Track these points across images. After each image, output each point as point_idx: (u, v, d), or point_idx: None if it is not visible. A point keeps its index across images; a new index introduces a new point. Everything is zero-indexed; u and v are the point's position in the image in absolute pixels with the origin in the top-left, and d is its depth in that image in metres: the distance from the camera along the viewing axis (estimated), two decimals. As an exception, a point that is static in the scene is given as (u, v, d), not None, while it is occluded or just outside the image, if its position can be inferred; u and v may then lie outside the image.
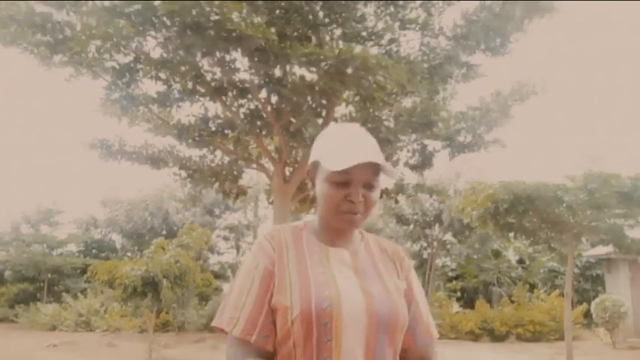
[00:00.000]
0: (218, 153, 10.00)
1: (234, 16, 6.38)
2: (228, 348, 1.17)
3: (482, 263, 19.56)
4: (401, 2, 8.32)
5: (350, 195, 1.19)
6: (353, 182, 1.19)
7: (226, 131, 9.37)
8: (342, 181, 1.18)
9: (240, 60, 8.03)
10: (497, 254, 20.06)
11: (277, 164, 9.32)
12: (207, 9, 6.17)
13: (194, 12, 6.20)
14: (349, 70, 6.74)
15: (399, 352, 1.21)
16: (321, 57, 6.63)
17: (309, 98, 8.08)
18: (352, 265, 1.22)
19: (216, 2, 6.15)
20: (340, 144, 1.21)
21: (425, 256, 20.43)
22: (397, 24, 8.63)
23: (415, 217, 18.98)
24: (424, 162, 10.29)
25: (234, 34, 6.45)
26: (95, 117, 9.51)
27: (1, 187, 40.81)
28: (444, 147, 10.20)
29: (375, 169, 1.19)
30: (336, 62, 6.68)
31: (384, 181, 1.24)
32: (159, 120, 9.51)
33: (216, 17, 6.26)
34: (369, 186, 1.21)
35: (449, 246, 20.29)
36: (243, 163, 10.13)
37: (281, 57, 6.91)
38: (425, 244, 20.47)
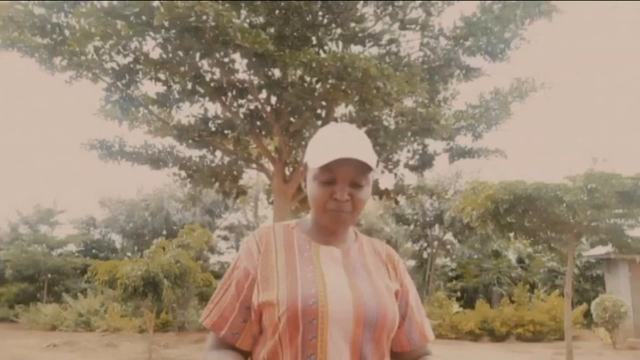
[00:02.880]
0: (218, 153, 10.00)
1: (233, 20, 6.37)
2: (208, 338, 1.25)
3: (483, 263, 19.56)
4: (400, 3, 8.32)
5: (335, 193, 1.19)
6: (338, 180, 1.19)
7: (226, 131, 9.38)
8: (327, 179, 1.19)
9: (239, 61, 8.03)
10: (497, 254, 20.05)
11: (277, 164, 9.32)
12: (204, 17, 6.16)
13: (191, 19, 6.20)
14: (350, 77, 6.73)
15: (387, 353, 1.21)
16: (322, 64, 6.61)
17: (308, 100, 8.09)
18: (342, 263, 1.22)
19: (212, 13, 6.12)
20: (325, 142, 1.22)
21: (425, 256, 20.43)
22: (397, 24, 8.63)
23: (415, 217, 18.99)
24: (424, 163, 10.30)
25: (231, 41, 6.46)
26: (95, 118, 9.49)
27: (1, 187, 40.83)
28: (445, 150, 10.22)
29: (360, 167, 1.18)
30: (337, 70, 6.67)
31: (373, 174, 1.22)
32: (159, 121, 9.51)
33: (213, 24, 6.26)
34: (356, 184, 1.20)
35: (449, 246, 20.30)
36: (243, 163, 10.13)
37: (279, 62, 6.92)
38: (425, 244, 20.47)
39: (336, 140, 1.20)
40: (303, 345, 1.10)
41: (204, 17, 6.15)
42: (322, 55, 7.40)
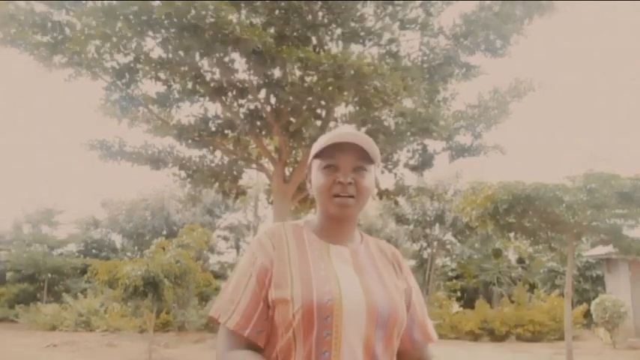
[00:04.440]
0: (218, 153, 10.01)
1: (232, 17, 6.38)
2: (220, 338, 1.19)
3: (483, 263, 19.56)
4: (400, 2, 8.33)
5: (339, 177, 1.22)
6: (341, 167, 1.23)
7: (226, 131, 9.38)
8: (330, 164, 1.23)
9: (238, 61, 8.04)
10: (497, 254, 20.06)
11: (277, 164, 9.33)
12: (203, 12, 6.17)
13: (190, 15, 6.21)
14: (345, 75, 6.75)
15: (396, 351, 1.22)
16: (318, 62, 6.63)
17: (308, 99, 8.09)
18: (352, 263, 1.23)
19: (211, 6, 6.13)
20: (327, 136, 1.27)
21: (425, 256, 20.43)
22: (397, 24, 8.64)
23: (415, 217, 18.99)
24: (424, 163, 10.30)
25: (230, 36, 6.46)
26: (95, 117, 9.52)
27: (1, 187, 40.85)
28: (445, 149, 10.23)
29: (361, 154, 1.23)
30: (332, 68, 6.69)
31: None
32: (158, 120, 9.51)
33: (212, 20, 6.26)
34: (358, 170, 1.24)
35: (449, 246, 20.30)
36: (243, 163, 10.14)
37: (277, 59, 6.93)
38: (425, 244, 20.47)
39: (337, 132, 1.26)
40: (317, 342, 1.10)
41: (204, 12, 6.16)
42: (321, 53, 7.40)
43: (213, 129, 9.27)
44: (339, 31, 8.40)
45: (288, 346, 1.13)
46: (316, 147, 1.27)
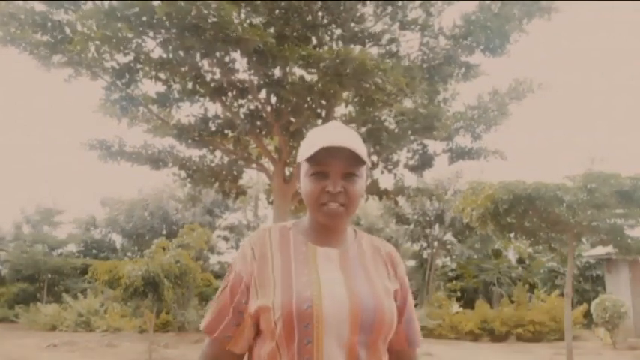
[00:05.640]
0: (218, 153, 10.01)
1: (234, 17, 6.39)
2: (203, 346, 1.28)
3: (483, 263, 19.55)
4: (400, 3, 8.33)
5: (328, 186, 1.17)
6: (330, 173, 1.17)
7: (226, 131, 9.38)
8: (318, 171, 1.17)
9: (239, 60, 8.04)
10: (497, 254, 20.06)
11: (277, 164, 9.33)
12: (205, 11, 6.16)
13: (192, 14, 6.21)
14: (347, 72, 6.72)
15: (384, 356, 1.20)
16: (320, 58, 6.63)
17: (308, 99, 8.09)
18: (339, 264, 1.20)
19: (214, 5, 6.14)
20: (314, 137, 1.21)
21: (425, 256, 20.43)
22: (397, 24, 8.65)
23: (415, 217, 19.00)
24: (424, 163, 10.31)
25: (232, 36, 6.46)
26: (95, 117, 9.54)
27: (1, 187, 40.85)
28: (445, 151, 10.23)
29: (351, 159, 1.17)
30: (335, 64, 6.67)
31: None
32: (158, 120, 9.52)
33: (214, 19, 6.26)
34: (349, 176, 1.18)
35: (449, 246, 20.30)
36: (243, 163, 10.14)
37: (279, 59, 6.92)
38: (425, 244, 20.47)
39: (325, 134, 1.20)
40: (299, 349, 1.09)
41: (206, 12, 6.15)
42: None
43: (213, 129, 9.27)
44: (338, 31, 8.41)
45: (273, 354, 1.12)
46: (304, 149, 1.21)
